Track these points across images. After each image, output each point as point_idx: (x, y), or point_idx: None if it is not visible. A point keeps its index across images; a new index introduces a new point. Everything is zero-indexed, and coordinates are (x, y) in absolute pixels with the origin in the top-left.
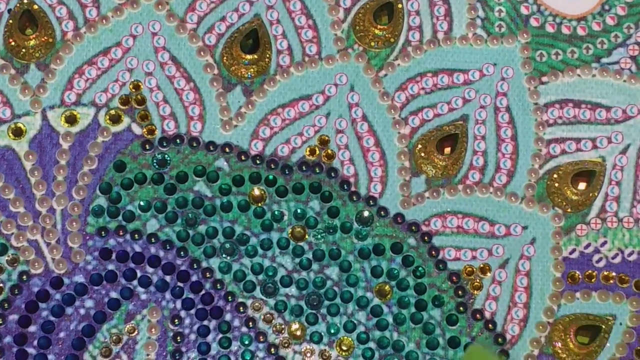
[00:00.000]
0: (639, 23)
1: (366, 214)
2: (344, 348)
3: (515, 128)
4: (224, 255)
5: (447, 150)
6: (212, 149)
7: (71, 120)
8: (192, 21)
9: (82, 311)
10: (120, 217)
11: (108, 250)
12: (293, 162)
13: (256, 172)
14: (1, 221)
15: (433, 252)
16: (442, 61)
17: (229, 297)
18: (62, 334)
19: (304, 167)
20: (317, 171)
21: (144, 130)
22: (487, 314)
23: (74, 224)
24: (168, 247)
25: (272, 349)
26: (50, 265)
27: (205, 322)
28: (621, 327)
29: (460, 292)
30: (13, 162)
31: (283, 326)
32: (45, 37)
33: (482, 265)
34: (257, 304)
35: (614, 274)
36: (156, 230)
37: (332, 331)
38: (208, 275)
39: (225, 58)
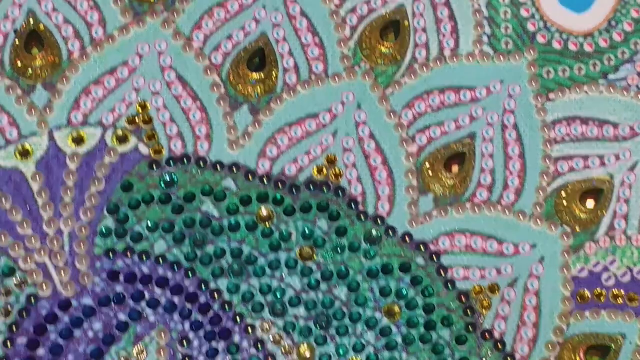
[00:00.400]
0: None
1: (374, 233)
2: None
3: (522, 146)
4: (232, 276)
5: (455, 168)
6: (219, 168)
7: (78, 140)
8: (198, 40)
9: (90, 334)
10: (128, 238)
11: (116, 272)
12: (301, 181)
13: (264, 192)
14: (9, 243)
15: (442, 272)
16: (449, 78)
17: (238, 319)
18: (70, 357)
19: (311, 186)
20: (325, 190)
21: (151, 150)
22: (497, 334)
23: (82, 245)
24: (176, 268)
25: None
26: (59, 288)
27: (214, 344)
28: (631, 346)
29: (469, 312)
30: (20, 183)
31: (292, 347)
32: (52, 57)
33: (490, 285)
34: (265, 325)
35: (623, 292)
36: (164, 251)
37: (341, 352)
38: (216, 297)
39: (232, 77)
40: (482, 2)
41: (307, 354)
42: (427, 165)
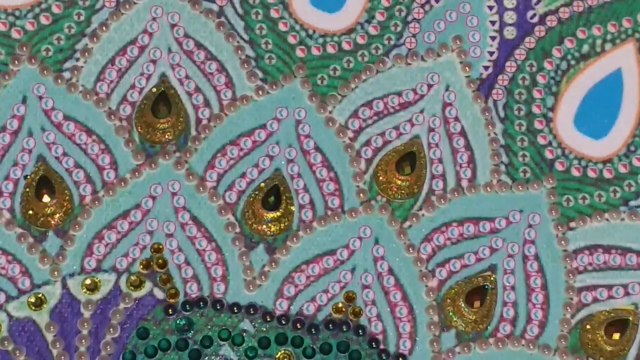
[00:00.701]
0: None
1: None
2: None
3: (544, 276)
4: None
5: (477, 303)
6: (236, 310)
7: (92, 287)
8: (211, 179)
9: None
10: None
11: None
12: (319, 320)
13: (282, 333)
14: None
15: None
16: (468, 210)
17: None
18: None
19: (330, 325)
20: (345, 329)
21: (167, 294)
22: None
23: None
24: None
25: None
26: None
27: None
28: None
29: None
30: (34, 334)
31: None
32: (63, 203)
33: None
34: None
35: None
36: None
37: None
38: None
39: (247, 215)
40: (498, 131)
41: None
42: (448, 300)
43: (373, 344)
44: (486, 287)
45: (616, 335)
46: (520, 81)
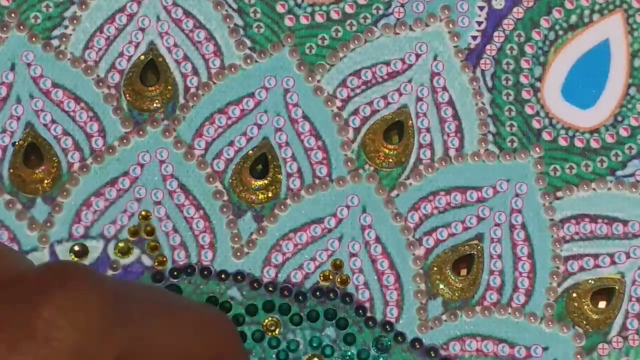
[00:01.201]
0: None
1: (384, 341)
2: None
3: (531, 245)
4: None
5: (464, 272)
6: (224, 277)
7: (80, 254)
8: (199, 147)
9: None
10: None
11: None
12: (307, 288)
13: (269, 301)
14: None
15: None
16: (455, 179)
17: None
18: None
19: (318, 293)
20: (332, 297)
21: (155, 261)
22: None
23: None
24: None
25: None
26: None
27: None
28: None
29: None
30: None
31: None
32: (51, 170)
33: None
34: None
35: None
36: None
37: None
38: None
39: (234, 184)
40: (485, 100)
41: None
42: (435, 268)
43: (360, 311)
44: (473, 255)
45: (602, 304)
46: (508, 51)
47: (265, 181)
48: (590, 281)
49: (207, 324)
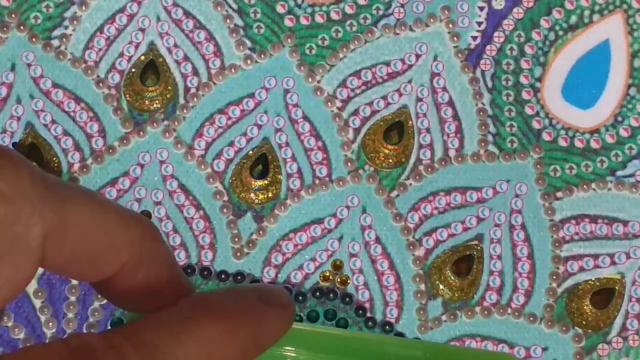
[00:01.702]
0: None
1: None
2: None
3: (531, 246)
4: None
5: (464, 272)
6: (223, 278)
7: None
8: (200, 147)
9: None
10: None
11: None
12: (307, 288)
13: None
14: None
15: None
16: (455, 179)
17: None
18: None
19: (317, 293)
20: (332, 297)
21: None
22: None
23: None
24: None
25: None
26: None
27: None
28: None
29: None
30: (22, 300)
31: None
32: (52, 170)
33: None
34: None
35: None
36: None
37: None
38: None
39: (234, 184)
40: (485, 101)
41: None
42: (435, 269)
43: (360, 312)
44: (472, 255)
45: (602, 304)
46: (508, 52)
47: (265, 181)
48: (590, 282)
49: (131, 220)
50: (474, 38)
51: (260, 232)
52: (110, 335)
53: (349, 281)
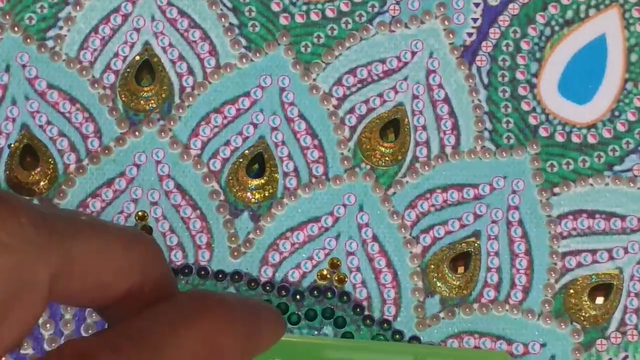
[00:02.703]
0: None
1: (382, 339)
2: None
3: (528, 242)
4: None
5: (461, 269)
6: (221, 277)
7: None
8: (195, 147)
9: None
10: None
11: None
12: (304, 287)
13: (267, 300)
14: None
15: None
16: (451, 176)
17: None
18: None
19: (315, 292)
20: (329, 296)
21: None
22: None
23: None
24: None
25: None
26: None
27: None
28: None
29: None
30: None
31: None
32: (47, 171)
33: None
34: None
35: None
36: None
37: None
38: None
39: (231, 183)
40: (482, 97)
41: None
42: (432, 266)
43: (358, 310)
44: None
45: (600, 300)
46: (504, 48)
47: (262, 180)
48: (588, 277)
49: (134, 243)
50: (470, 34)
51: (257, 231)
52: (107, 334)
53: (346, 279)
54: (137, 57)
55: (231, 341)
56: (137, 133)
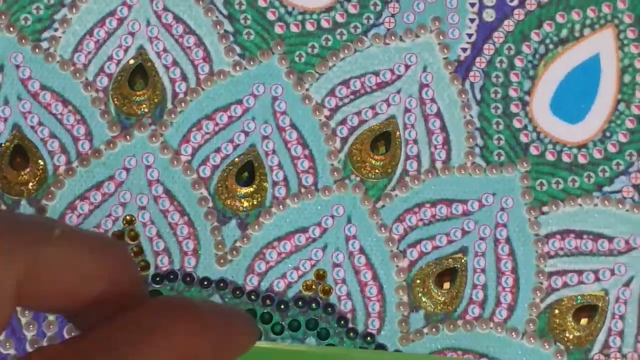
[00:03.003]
0: None
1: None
2: None
3: (515, 260)
4: None
5: (447, 285)
6: (206, 284)
7: None
8: (186, 153)
9: None
10: None
11: None
12: (289, 297)
13: (251, 309)
14: None
15: None
16: (441, 191)
17: None
18: None
19: (300, 302)
20: (314, 307)
21: (138, 266)
22: None
23: None
24: None
25: None
26: None
27: None
28: None
29: None
30: None
31: None
32: (37, 172)
33: None
34: None
35: None
36: None
37: None
38: None
39: (220, 191)
40: (473, 113)
41: None
42: (418, 281)
43: (342, 322)
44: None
45: (584, 321)
46: (497, 64)
47: (251, 189)
48: (573, 297)
49: (103, 249)
50: (464, 50)
51: (245, 239)
52: (76, 342)
53: (331, 291)
54: (131, 61)
55: (204, 349)
56: (128, 137)
